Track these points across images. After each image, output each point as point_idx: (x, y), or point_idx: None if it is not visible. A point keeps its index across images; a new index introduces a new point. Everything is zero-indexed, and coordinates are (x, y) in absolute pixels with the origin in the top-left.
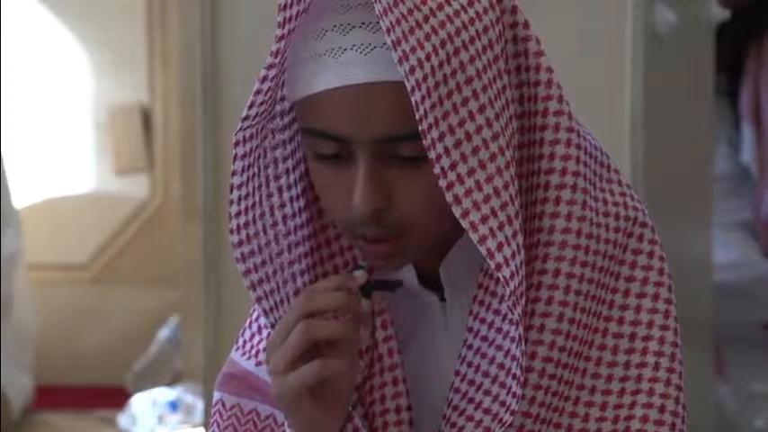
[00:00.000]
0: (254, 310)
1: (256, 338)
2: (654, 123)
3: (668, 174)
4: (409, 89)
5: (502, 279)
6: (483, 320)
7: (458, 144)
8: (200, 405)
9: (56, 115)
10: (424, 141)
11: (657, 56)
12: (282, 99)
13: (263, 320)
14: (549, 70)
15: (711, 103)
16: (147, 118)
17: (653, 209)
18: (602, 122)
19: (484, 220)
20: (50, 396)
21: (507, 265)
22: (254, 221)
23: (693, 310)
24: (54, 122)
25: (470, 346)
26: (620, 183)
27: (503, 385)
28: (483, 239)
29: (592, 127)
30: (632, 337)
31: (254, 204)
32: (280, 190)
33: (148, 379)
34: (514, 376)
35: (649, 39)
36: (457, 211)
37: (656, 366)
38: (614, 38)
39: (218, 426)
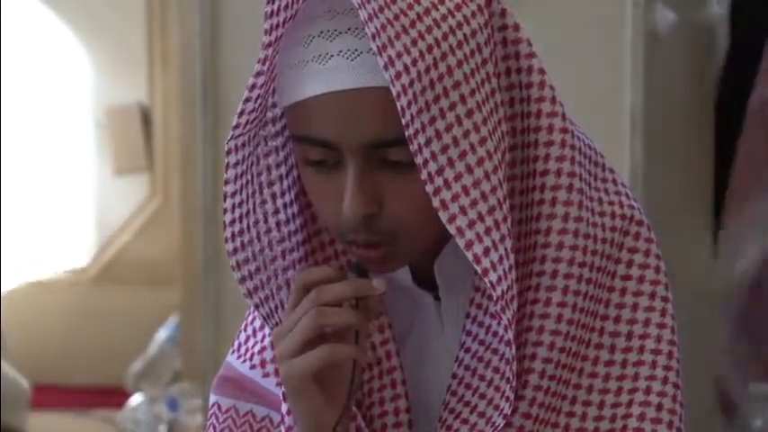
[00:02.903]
0: (250, 314)
1: (251, 341)
2: (654, 123)
3: (668, 174)
4: (395, 94)
5: (488, 284)
6: (481, 324)
7: (445, 149)
8: (199, 405)
9: (55, 115)
10: (410, 146)
11: (657, 56)
12: (274, 106)
13: (257, 323)
14: (542, 72)
15: (711, 102)
16: (146, 118)
17: (652, 209)
18: (601, 122)
19: (471, 224)
20: (50, 396)
21: (494, 269)
22: (249, 229)
23: (693, 310)
24: (54, 122)
25: (468, 349)
26: (614, 182)
27: (497, 389)
28: (469, 244)
29: (591, 127)
30: (629, 335)
31: (248, 212)
32: (273, 197)
33: (148, 379)
34: (508, 380)
35: (649, 39)
36: (443, 216)
37: (654, 364)
38: (614, 38)
39: (215, 428)
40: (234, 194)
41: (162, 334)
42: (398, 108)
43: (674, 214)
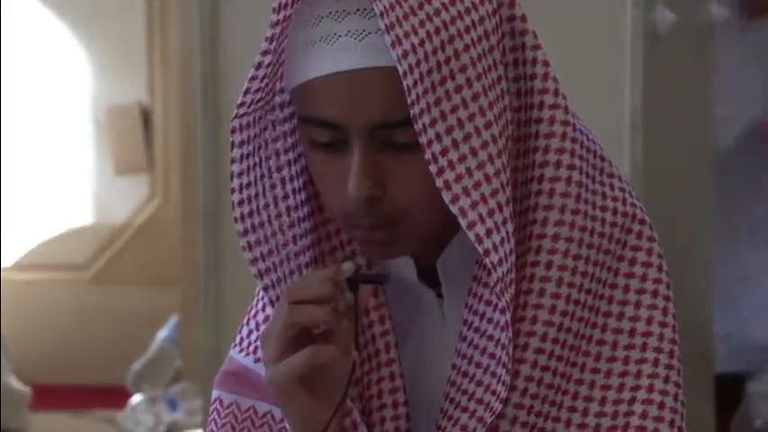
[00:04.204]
0: (252, 308)
1: (254, 335)
2: (654, 123)
3: (668, 173)
4: (401, 73)
5: (489, 265)
6: (476, 312)
7: (449, 130)
8: (199, 405)
9: (55, 115)
10: (415, 126)
11: (657, 56)
12: (282, 91)
13: (260, 317)
14: (546, 64)
15: (711, 102)
16: (146, 118)
17: (652, 209)
18: (602, 122)
19: (473, 205)
20: (50, 396)
21: (496, 251)
22: (259, 211)
23: (694, 310)
24: (54, 122)
25: (465, 338)
26: (620, 179)
27: (493, 374)
28: (472, 225)
29: (592, 126)
30: (631, 332)
31: (257, 194)
32: (282, 181)
33: (148, 379)
34: (504, 365)
35: (649, 39)
36: (446, 197)
37: (656, 362)
38: (614, 38)
39: (216, 424)
40: (241, 174)
41: (162, 334)
42: (405, 87)
43: (674, 214)
